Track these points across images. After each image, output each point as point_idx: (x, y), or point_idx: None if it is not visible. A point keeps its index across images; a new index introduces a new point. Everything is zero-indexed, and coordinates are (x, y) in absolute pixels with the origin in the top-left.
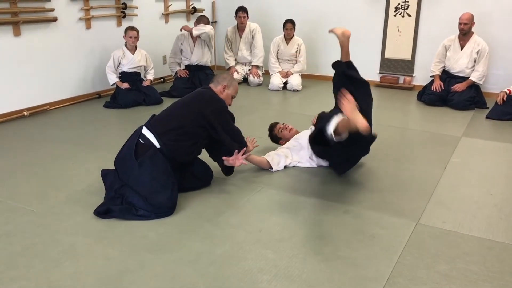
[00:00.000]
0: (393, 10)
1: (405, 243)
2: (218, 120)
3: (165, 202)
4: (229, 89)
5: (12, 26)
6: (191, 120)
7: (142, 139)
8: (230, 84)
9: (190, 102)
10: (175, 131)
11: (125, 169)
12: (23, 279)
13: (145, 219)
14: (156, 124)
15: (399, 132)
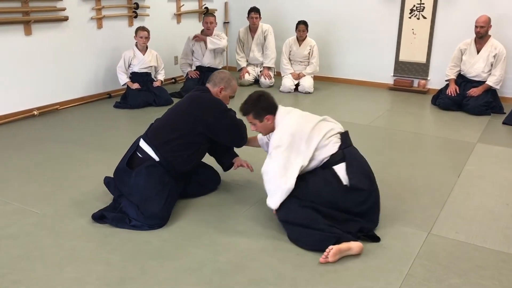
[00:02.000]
0: (408, 12)
1: (416, 254)
2: (221, 124)
3: (157, 212)
4: (227, 90)
5: (23, 26)
6: (189, 129)
7: (140, 153)
8: (228, 85)
9: (187, 109)
10: (173, 142)
11: (121, 179)
12: (24, 283)
13: (138, 229)
14: (153, 135)
15: (412, 137)
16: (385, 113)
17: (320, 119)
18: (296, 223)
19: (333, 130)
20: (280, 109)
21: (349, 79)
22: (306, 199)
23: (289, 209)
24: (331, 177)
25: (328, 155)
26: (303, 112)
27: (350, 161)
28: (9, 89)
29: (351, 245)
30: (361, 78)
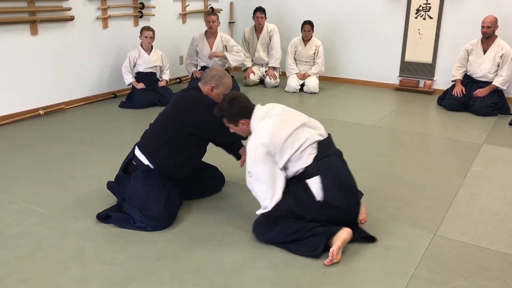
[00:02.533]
0: (414, 12)
1: (421, 255)
2: (208, 121)
3: (157, 213)
4: (219, 88)
5: (29, 25)
6: (177, 132)
7: (135, 161)
8: (219, 83)
9: (171, 111)
10: (164, 148)
11: (122, 185)
12: (29, 282)
13: (142, 231)
14: (144, 142)
15: (418, 138)
16: (390, 114)
17: (298, 125)
18: (280, 242)
19: (309, 140)
20: (256, 111)
21: (354, 79)
22: (279, 217)
23: (265, 230)
24: (302, 193)
25: (302, 167)
26: (281, 116)
27: (325, 174)
28: (15, 89)
29: (343, 236)
30: (366, 79)
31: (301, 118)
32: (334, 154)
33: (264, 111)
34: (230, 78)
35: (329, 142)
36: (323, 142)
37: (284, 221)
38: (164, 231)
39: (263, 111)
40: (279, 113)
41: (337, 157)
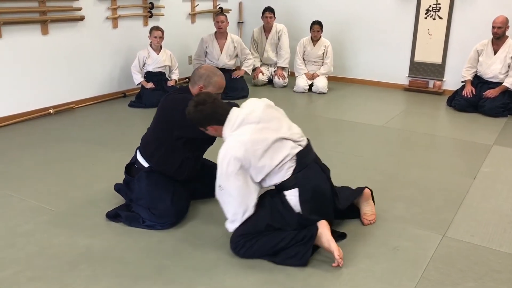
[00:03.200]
0: (424, 12)
1: (430, 257)
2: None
3: (166, 209)
4: (208, 88)
5: (40, 25)
6: (166, 135)
7: (137, 164)
8: (208, 83)
9: (158, 114)
10: (158, 153)
11: (129, 188)
12: (39, 280)
13: (151, 229)
14: (143, 146)
15: (427, 139)
16: (399, 114)
17: (277, 138)
18: (264, 255)
19: (289, 155)
20: (230, 116)
21: (363, 80)
22: (257, 232)
23: (245, 247)
24: (280, 206)
25: (280, 181)
26: (258, 124)
27: (303, 187)
28: (26, 88)
29: (325, 232)
30: (375, 79)
31: (281, 126)
32: (313, 162)
33: (241, 117)
34: (220, 76)
35: (308, 151)
36: (302, 152)
37: (263, 235)
38: (173, 230)
39: (239, 118)
40: (257, 120)
41: (316, 164)
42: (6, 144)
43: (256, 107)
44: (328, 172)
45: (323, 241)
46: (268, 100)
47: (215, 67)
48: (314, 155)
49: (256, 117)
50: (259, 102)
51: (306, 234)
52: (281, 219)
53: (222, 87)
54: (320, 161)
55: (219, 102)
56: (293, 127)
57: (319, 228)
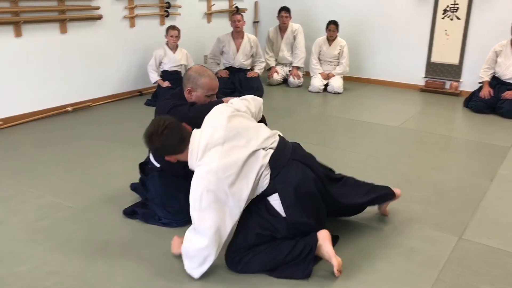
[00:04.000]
0: (441, 12)
1: (446, 259)
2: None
3: (181, 206)
4: (197, 90)
5: (59, 24)
6: None
7: (150, 164)
8: (195, 85)
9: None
10: (158, 155)
11: (144, 187)
12: (58, 275)
13: (167, 227)
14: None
15: (443, 140)
16: (415, 115)
17: (246, 156)
18: (262, 270)
19: (263, 166)
20: (192, 145)
21: (379, 80)
22: (250, 245)
23: (242, 263)
24: (266, 213)
25: (260, 191)
26: (224, 145)
27: (284, 191)
28: (44, 86)
29: (326, 244)
30: (391, 79)
31: (249, 139)
32: (290, 160)
33: (203, 144)
34: (208, 77)
35: (281, 150)
36: (274, 155)
37: (258, 249)
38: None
39: (202, 145)
40: (221, 141)
41: (294, 161)
42: (25, 141)
43: (218, 124)
44: (311, 161)
45: (323, 253)
46: (232, 102)
47: (231, 66)
48: (290, 150)
49: (220, 138)
50: (220, 116)
51: (304, 248)
52: (269, 226)
53: (212, 88)
54: (300, 153)
55: (171, 131)
56: (261, 132)
57: (319, 240)
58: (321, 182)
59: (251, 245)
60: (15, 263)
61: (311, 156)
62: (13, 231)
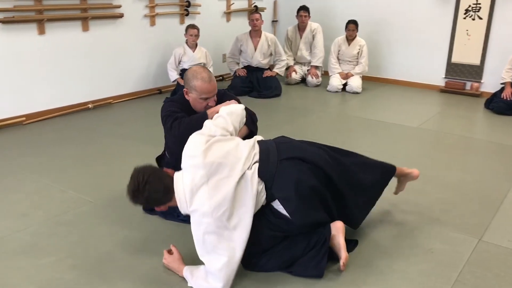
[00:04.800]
0: (463, 12)
1: (466, 260)
2: (166, 135)
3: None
4: (192, 92)
5: (81, 22)
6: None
7: (165, 159)
8: (190, 87)
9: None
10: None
11: None
12: (79, 268)
13: (186, 223)
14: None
15: (464, 141)
16: (435, 116)
17: (234, 185)
18: (279, 269)
19: (253, 186)
20: (177, 193)
21: (398, 80)
22: (265, 249)
23: (258, 266)
24: (273, 219)
25: (261, 204)
26: (209, 182)
27: (284, 199)
28: (66, 83)
29: (339, 230)
30: (411, 79)
31: (233, 167)
32: (278, 162)
33: (188, 190)
34: (201, 80)
35: (266, 156)
36: (260, 167)
37: (273, 251)
38: None
39: (187, 191)
40: (205, 180)
41: (285, 161)
42: (47, 137)
43: (196, 164)
44: (300, 150)
45: (334, 244)
46: (206, 125)
47: (249, 65)
48: (275, 152)
49: (202, 177)
50: (196, 152)
51: (318, 239)
52: (280, 228)
53: (204, 92)
54: (286, 149)
55: (151, 185)
56: (240, 152)
57: (332, 230)
58: (319, 165)
59: (266, 249)
60: (38, 255)
61: (298, 144)
62: (37, 225)
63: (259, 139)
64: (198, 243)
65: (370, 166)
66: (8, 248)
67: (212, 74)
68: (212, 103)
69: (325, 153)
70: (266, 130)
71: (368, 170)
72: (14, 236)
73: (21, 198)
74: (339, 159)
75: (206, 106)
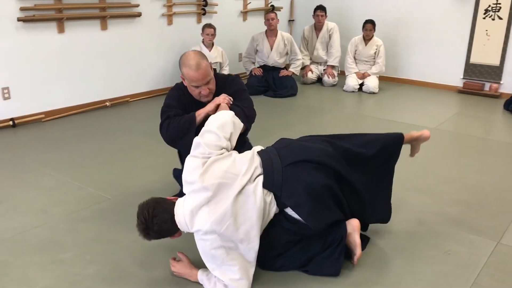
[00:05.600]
0: (483, 12)
1: (484, 263)
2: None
3: None
4: (185, 80)
5: (100, 21)
6: None
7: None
8: (182, 73)
9: None
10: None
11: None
12: (97, 264)
13: None
14: None
15: (482, 143)
16: (453, 117)
17: (232, 201)
18: (294, 267)
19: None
20: (178, 221)
21: (415, 80)
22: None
23: (274, 267)
24: (288, 224)
25: (273, 214)
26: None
27: (296, 206)
28: (85, 81)
29: (355, 228)
30: (428, 80)
31: (231, 184)
32: (283, 169)
33: (187, 213)
34: (189, 67)
35: (269, 165)
36: (266, 177)
37: (289, 255)
38: None
39: (187, 215)
40: (205, 201)
41: (289, 167)
42: (66, 134)
43: (196, 189)
44: (304, 151)
45: (350, 241)
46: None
47: (265, 64)
48: (278, 159)
49: (204, 199)
50: (194, 178)
51: (334, 238)
52: (295, 232)
53: (194, 80)
54: (288, 153)
55: (158, 218)
56: (238, 168)
57: (348, 229)
58: (324, 162)
59: (281, 253)
60: (57, 250)
61: (299, 145)
62: (56, 220)
63: (258, 150)
64: (207, 259)
65: (374, 140)
66: (27, 243)
67: (204, 59)
68: (205, 92)
69: (327, 145)
70: (281, 129)
71: (371, 144)
72: (33, 231)
73: (40, 194)
74: (342, 146)
75: (200, 94)
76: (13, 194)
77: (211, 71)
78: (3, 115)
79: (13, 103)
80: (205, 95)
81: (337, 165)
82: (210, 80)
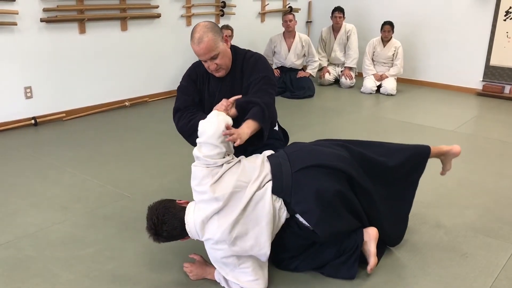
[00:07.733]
0: (503, 14)
1: (502, 266)
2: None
3: None
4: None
5: (120, 21)
6: None
7: None
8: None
9: None
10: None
11: None
12: (117, 260)
13: None
14: None
15: (501, 146)
16: (472, 120)
17: (241, 210)
18: (309, 269)
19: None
20: (189, 230)
21: (434, 83)
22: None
23: (289, 268)
24: (299, 231)
25: (284, 220)
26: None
27: (304, 212)
28: (105, 81)
29: (372, 237)
30: (447, 82)
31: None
32: (293, 174)
33: (199, 220)
34: (192, 40)
35: (278, 171)
36: (274, 183)
37: (303, 257)
38: None
39: (198, 221)
40: (216, 211)
41: (298, 172)
42: (86, 133)
43: (206, 199)
44: (315, 155)
45: (365, 250)
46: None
47: (282, 65)
48: (288, 164)
49: (215, 210)
50: (205, 188)
51: (350, 245)
52: (308, 239)
53: (197, 54)
54: (298, 158)
55: (168, 223)
56: (247, 173)
57: (365, 237)
58: (338, 167)
59: (295, 255)
60: (77, 246)
61: (311, 149)
62: (76, 217)
63: (268, 154)
64: (218, 266)
65: (397, 150)
66: (48, 239)
67: (210, 32)
68: (212, 67)
69: (342, 150)
70: (298, 130)
71: (394, 154)
72: (54, 227)
73: (61, 191)
74: (360, 152)
75: (209, 68)
76: (35, 191)
77: (220, 45)
78: (26, 114)
79: (35, 102)
80: (213, 70)
81: (351, 170)
82: (217, 55)
